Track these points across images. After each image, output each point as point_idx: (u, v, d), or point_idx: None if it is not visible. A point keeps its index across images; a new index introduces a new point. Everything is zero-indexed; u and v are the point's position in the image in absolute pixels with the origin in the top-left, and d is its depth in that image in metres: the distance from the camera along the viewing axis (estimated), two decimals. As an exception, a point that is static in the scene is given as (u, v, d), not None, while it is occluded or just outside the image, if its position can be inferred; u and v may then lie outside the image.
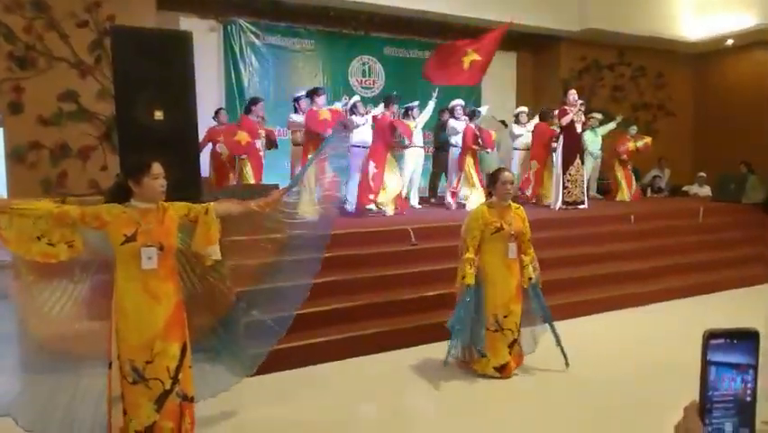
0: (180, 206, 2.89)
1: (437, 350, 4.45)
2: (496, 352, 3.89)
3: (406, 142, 7.43)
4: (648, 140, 9.52)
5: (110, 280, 2.77)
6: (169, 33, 4.17)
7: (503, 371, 3.91)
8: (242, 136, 6.75)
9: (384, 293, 4.93)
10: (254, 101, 7.22)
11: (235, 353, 3.35)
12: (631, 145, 9.37)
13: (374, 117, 7.27)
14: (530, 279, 3.96)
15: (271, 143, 7.40)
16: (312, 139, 6.69)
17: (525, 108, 8.74)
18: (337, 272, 5.01)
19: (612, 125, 9.32)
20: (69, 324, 2.84)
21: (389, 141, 7.22)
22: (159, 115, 3.90)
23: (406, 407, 3.61)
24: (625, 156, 9.40)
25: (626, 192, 9.40)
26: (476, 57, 7.31)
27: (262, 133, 7.18)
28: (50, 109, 6.71)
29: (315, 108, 6.74)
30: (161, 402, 2.73)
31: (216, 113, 7.67)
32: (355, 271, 5.09)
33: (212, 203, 2.98)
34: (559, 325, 4.57)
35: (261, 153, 7.19)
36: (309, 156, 6.28)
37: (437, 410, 3.59)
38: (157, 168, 2.73)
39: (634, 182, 9.59)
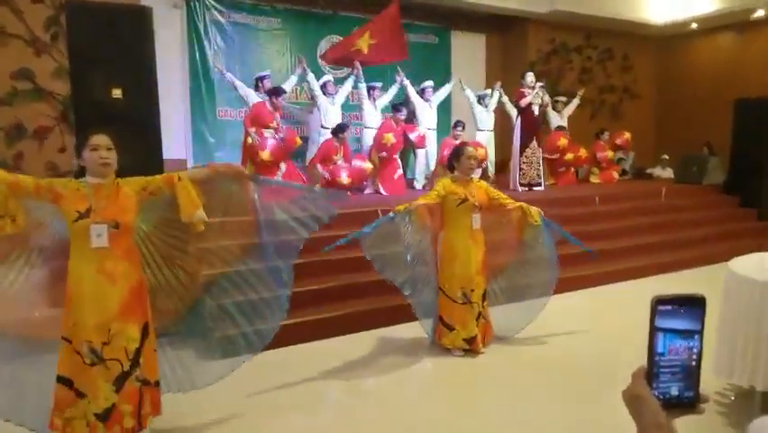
0: (135, 181, 2.78)
1: (407, 330, 4.49)
2: (465, 324, 3.97)
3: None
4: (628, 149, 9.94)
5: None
6: (126, 8, 4.00)
7: (472, 343, 3.99)
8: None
9: (353, 275, 4.92)
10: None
11: (203, 334, 3.29)
12: (610, 154, 9.74)
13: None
14: (539, 213, 4.16)
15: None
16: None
17: (488, 91, 8.77)
18: (305, 255, 4.97)
19: (576, 101, 9.45)
20: (29, 309, 2.76)
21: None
22: (117, 93, 3.76)
23: (376, 388, 3.62)
24: (604, 164, 9.71)
25: (598, 177, 9.69)
26: (372, 41, 7.77)
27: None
28: (3, 88, 6.42)
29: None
30: (120, 384, 2.66)
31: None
32: (324, 253, 5.06)
33: (182, 172, 2.86)
34: (527, 304, 4.66)
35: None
36: None
37: (408, 390, 3.62)
38: (96, 139, 2.62)
39: (614, 173, 9.89)
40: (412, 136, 7.87)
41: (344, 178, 6.87)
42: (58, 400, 2.64)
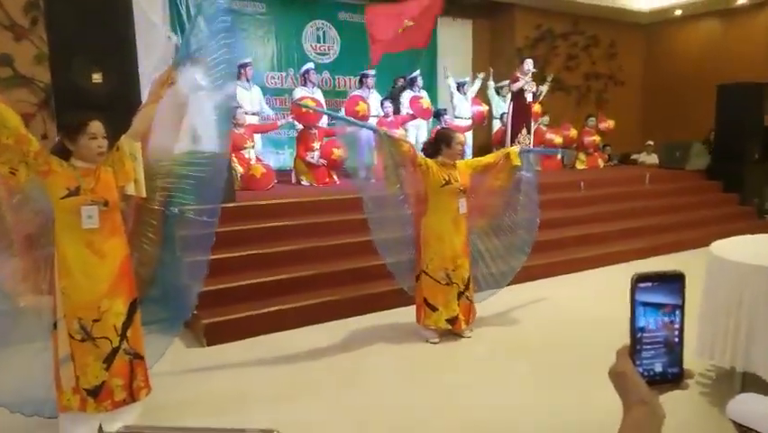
0: (106, 157, 2.73)
1: (395, 316, 4.50)
2: (447, 304, 4.03)
3: None
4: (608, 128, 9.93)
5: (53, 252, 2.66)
6: (106, -8, 3.91)
7: (454, 323, 4.05)
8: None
9: (341, 261, 4.93)
10: None
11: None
12: (597, 139, 9.79)
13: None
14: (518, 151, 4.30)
15: None
16: None
17: (467, 79, 8.77)
18: (295, 241, 4.98)
19: (544, 88, 9.39)
20: (13, 300, 2.73)
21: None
22: (97, 77, 3.69)
23: (360, 374, 3.63)
24: (591, 149, 9.76)
25: (585, 163, 9.73)
26: (410, 23, 7.17)
27: None
28: (-19, 75, 6.30)
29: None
30: (110, 361, 2.70)
31: None
32: (312, 239, 5.06)
33: (122, 137, 2.79)
34: (512, 288, 4.70)
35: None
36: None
37: (393, 376, 3.64)
38: (94, 126, 2.62)
39: (600, 161, 9.91)
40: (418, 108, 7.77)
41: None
42: (63, 381, 2.66)
